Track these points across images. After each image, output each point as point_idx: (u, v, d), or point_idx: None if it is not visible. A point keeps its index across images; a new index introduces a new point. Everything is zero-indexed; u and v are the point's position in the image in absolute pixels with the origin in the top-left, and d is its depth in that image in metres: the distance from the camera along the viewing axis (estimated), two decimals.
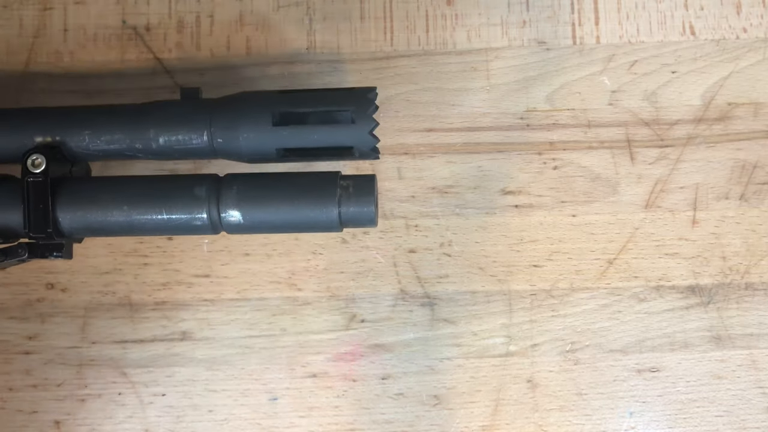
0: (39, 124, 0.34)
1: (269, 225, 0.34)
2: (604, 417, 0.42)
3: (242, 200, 0.33)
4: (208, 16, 0.43)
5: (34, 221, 0.33)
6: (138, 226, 0.34)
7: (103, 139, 0.34)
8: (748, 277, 0.43)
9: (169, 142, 0.34)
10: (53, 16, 0.42)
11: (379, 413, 0.42)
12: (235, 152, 0.34)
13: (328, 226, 0.33)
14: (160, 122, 0.34)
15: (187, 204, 0.33)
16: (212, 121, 0.33)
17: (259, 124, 0.33)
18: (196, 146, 0.34)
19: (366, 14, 0.43)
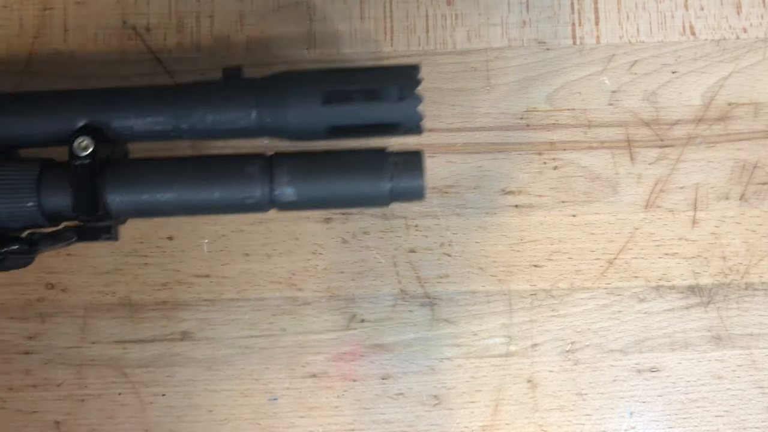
0: (83, 106, 0.33)
1: (321, 201, 0.34)
2: (604, 417, 0.42)
3: (295, 178, 0.33)
4: (208, 16, 0.43)
5: (84, 205, 0.32)
6: (189, 206, 0.33)
7: (149, 120, 0.33)
8: (748, 277, 0.43)
9: (217, 122, 0.33)
10: (53, 17, 0.42)
11: (379, 413, 0.42)
12: (283, 131, 0.33)
13: (379, 200, 0.34)
14: (208, 102, 0.33)
15: (240, 182, 0.33)
16: (260, 100, 0.33)
17: (309, 103, 0.33)
18: (244, 125, 0.33)
19: (366, 14, 0.43)
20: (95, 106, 0.33)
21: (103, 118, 0.33)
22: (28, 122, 0.33)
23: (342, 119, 0.33)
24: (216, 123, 0.33)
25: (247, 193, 0.33)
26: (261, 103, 0.33)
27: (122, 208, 0.33)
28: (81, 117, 0.33)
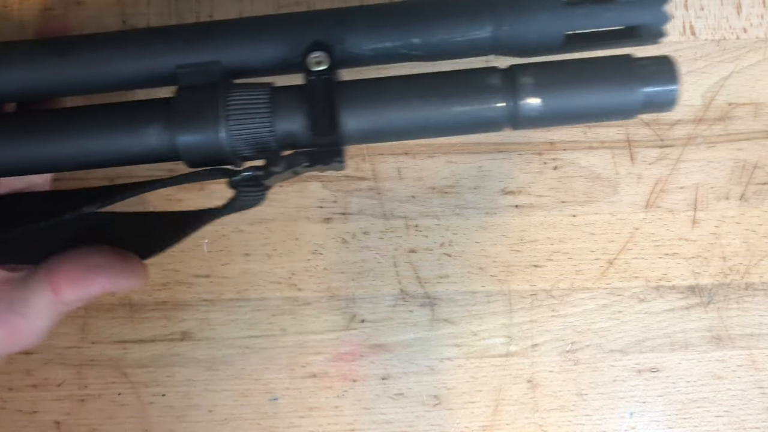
0: (311, 25, 0.32)
1: (570, 113, 0.31)
2: (604, 417, 0.42)
3: (542, 87, 0.30)
4: (208, 16, 0.43)
5: (321, 123, 0.30)
6: (428, 124, 0.31)
7: (381, 36, 0.31)
8: (748, 278, 0.43)
9: (451, 34, 0.31)
10: (53, 17, 0.42)
11: (380, 413, 0.42)
12: (521, 40, 0.31)
13: (629, 110, 0.31)
14: (441, 12, 0.31)
15: (482, 95, 0.31)
16: (497, 8, 0.31)
17: (550, 6, 0.31)
18: (478, 37, 0.31)
19: None
20: (325, 23, 0.31)
21: (334, 36, 0.31)
22: (254, 45, 0.31)
23: (583, 23, 0.31)
24: (450, 36, 0.31)
25: (489, 105, 0.30)
26: (499, 9, 0.31)
27: (359, 127, 0.31)
28: (310, 35, 0.31)
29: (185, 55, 0.31)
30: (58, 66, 0.31)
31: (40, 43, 0.32)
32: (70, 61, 0.31)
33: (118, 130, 0.30)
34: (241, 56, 0.32)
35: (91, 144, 0.30)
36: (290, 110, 0.30)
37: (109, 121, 0.31)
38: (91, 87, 0.32)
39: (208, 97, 0.30)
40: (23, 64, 0.31)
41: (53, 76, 0.31)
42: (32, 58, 0.31)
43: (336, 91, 0.30)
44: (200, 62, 0.31)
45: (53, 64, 0.31)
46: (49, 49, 0.31)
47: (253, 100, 0.30)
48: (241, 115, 0.30)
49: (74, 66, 0.31)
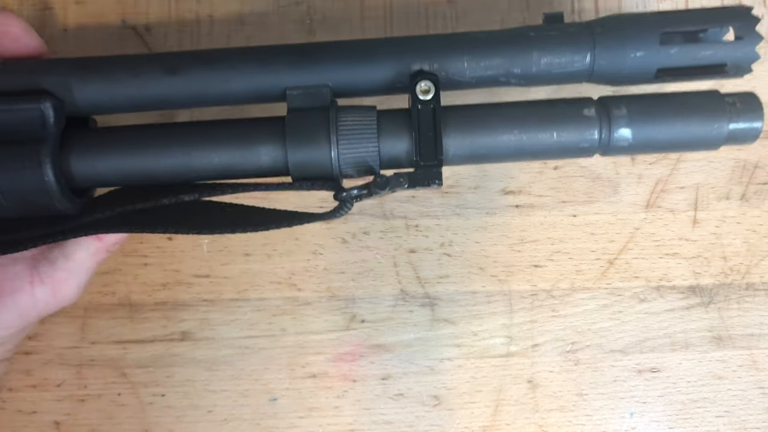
0: (418, 51, 0.33)
1: (657, 144, 0.33)
2: (604, 417, 0.42)
3: (633, 120, 0.32)
4: (208, 16, 0.42)
5: (424, 149, 0.32)
6: (524, 151, 0.33)
7: (483, 65, 0.33)
8: (748, 278, 0.43)
9: (550, 66, 0.33)
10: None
11: (379, 414, 0.42)
12: (616, 73, 0.33)
13: (712, 144, 0.33)
14: (544, 44, 0.33)
15: (578, 125, 0.33)
16: (597, 42, 0.32)
17: (647, 44, 0.32)
18: (576, 69, 0.33)
19: (366, 14, 0.43)
20: (431, 51, 0.33)
21: (439, 62, 0.33)
22: (363, 70, 0.33)
23: (677, 60, 0.32)
24: (549, 66, 0.33)
25: (584, 135, 0.32)
26: (598, 44, 0.32)
27: (458, 153, 0.33)
28: (417, 62, 0.33)
29: (295, 77, 0.33)
30: (169, 83, 0.33)
31: (148, 58, 0.33)
32: (180, 79, 0.33)
33: (234, 146, 0.32)
34: (349, 80, 0.33)
35: (208, 158, 0.32)
36: (395, 134, 0.33)
37: (227, 138, 0.33)
38: (199, 103, 0.34)
39: (321, 119, 0.32)
40: (132, 80, 0.33)
41: (163, 91, 0.33)
42: (142, 73, 0.33)
43: (440, 121, 0.32)
44: (310, 85, 0.33)
45: (164, 81, 0.33)
46: (158, 65, 0.33)
47: (362, 124, 0.32)
48: (351, 137, 0.32)
49: (184, 84, 0.33)
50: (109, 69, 0.33)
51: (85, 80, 0.33)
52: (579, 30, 0.33)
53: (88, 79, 0.33)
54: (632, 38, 0.32)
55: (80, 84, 0.33)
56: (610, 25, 0.33)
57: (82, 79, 0.33)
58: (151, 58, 0.34)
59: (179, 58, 0.33)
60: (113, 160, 0.33)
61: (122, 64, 0.33)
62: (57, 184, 0.31)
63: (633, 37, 0.32)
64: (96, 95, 0.33)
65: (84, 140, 0.33)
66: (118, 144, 0.33)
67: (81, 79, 0.33)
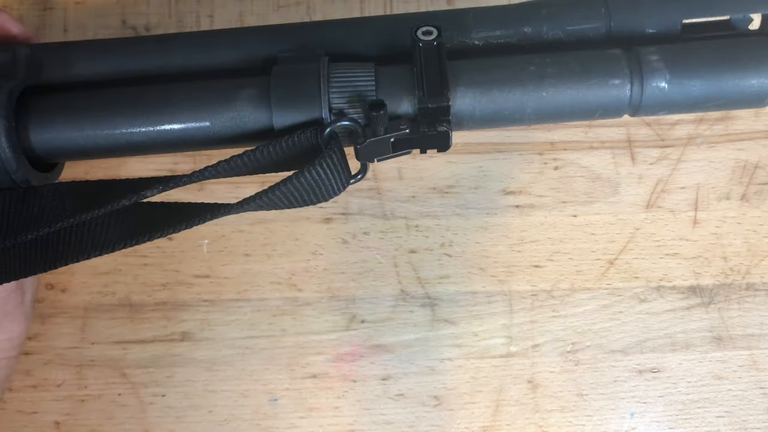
0: (420, 19, 0.31)
1: (697, 99, 0.29)
2: (605, 418, 0.42)
3: (669, 64, 0.28)
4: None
5: (430, 85, 0.27)
6: (547, 107, 0.29)
7: (490, 25, 0.30)
8: (749, 278, 0.43)
9: (562, 25, 0.30)
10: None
11: (380, 414, 0.42)
12: (637, 30, 0.29)
13: (759, 99, 0.29)
14: (556, 6, 0.30)
15: (607, 74, 0.28)
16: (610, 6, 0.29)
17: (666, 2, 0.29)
18: (590, 28, 0.29)
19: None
20: (431, 18, 0.30)
21: (438, 23, 0.29)
22: (359, 37, 0.31)
23: (698, 12, 0.29)
24: (561, 27, 0.29)
25: (615, 81, 0.28)
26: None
27: (470, 108, 0.29)
28: (417, 23, 0.29)
29: (288, 42, 0.30)
30: (158, 51, 0.31)
31: (139, 39, 0.33)
32: (169, 48, 0.31)
33: (209, 103, 0.29)
34: (344, 45, 0.31)
35: (178, 120, 0.29)
36: (397, 89, 0.29)
37: (201, 95, 0.30)
38: (190, 72, 0.31)
39: (310, 70, 0.28)
40: (123, 52, 0.31)
41: (152, 61, 0.31)
42: (132, 47, 0.31)
43: (446, 59, 0.28)
44: (303, 47, 0.30)
45: (153, 51, 0.31)
46: (149, 40, 0.32)
47: (358, 76, 0.28)
48: (344, 88, 0.28)
49: (174, 52, 0.31)
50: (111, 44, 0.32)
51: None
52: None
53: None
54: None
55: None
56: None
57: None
58: (149, 37, 0.33)
59: (174, 36, 0.32)
60: (76, 125, 0.30)
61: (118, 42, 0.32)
62: (12, 151, 0.29)
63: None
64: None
65: (43, 103, 0.30)
66: (82, 108, 0.30)
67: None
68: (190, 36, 0.33)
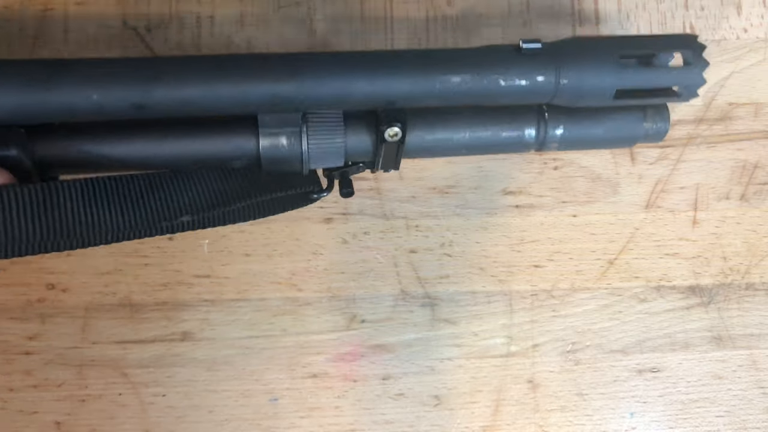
0: (390, 92, 0.35)
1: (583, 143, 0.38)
2: (605, 417, 0.42)
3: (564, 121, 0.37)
4: (209, 17, 0.43)
5: (386, 163, 0.36)
6: (472, 145, 0.37)
7: (451, 88, 0.34)
8: (748, 278, 0.43)
9: (512, 84, 0.34)
10: (53, 17, 0.42)
11: (380, 414, 0.42)
12: (576, 93, 0.34)
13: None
14: (506, 64, 0.34)
15: (519, 126, 0.36)
16: (560, 62, 0.34)
17: (606, 66, 0.34)
18: (540, 90, 0.34)
19: (366, 14, 0.43)
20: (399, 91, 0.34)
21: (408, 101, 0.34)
22: (343, 87, 0.34)
23: (632, 82, 0.34)
24: (511, 84, 0.34)
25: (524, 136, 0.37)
26: (561, 65, 0.34)
27: (416, 149, 0.37)
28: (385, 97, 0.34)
29: (271, 107, 0.33)
30: (151, 87, 0.32)
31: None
32: (160, 85, 0.32)
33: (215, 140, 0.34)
34: (330, 94, 0.34)
35: (194, 148, 0.34)
36: (359, 135, 0.35)
37: (209, 131, 0.34)
38: (179, 114, 0.33)
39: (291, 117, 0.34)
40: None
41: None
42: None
43: (403, 148, 0.36)
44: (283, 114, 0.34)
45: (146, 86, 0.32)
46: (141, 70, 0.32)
47: (331, 119, 0.34)
48: (322, 130, 0.34)
49: (164, 92, 0.32)
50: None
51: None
52: (544, 55, 0.34)
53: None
54: (592, 59, 0.34)
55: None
56: (572, 48, 0.35)
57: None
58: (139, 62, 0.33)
59: (162, 62, 0.33)
60: (79, 144, 0.33)
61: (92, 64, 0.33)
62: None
63: (593, 59, 0.34)
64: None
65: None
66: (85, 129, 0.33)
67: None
68: (177, 71, 0.33)
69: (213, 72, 0.32)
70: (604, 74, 0.34)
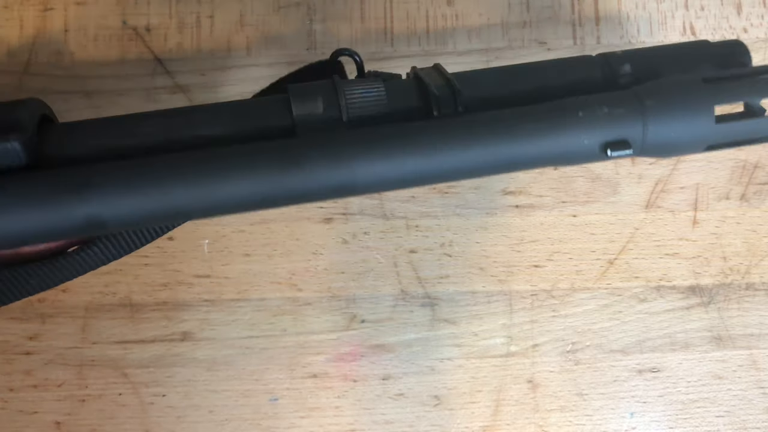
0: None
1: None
2: (604, 417, 0.42)
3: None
4: (209, 17, 0.43)
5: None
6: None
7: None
8: (748, 278, 0.43)
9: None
10: (54, 17, 0.42)
11: (380, 414, 0.42)
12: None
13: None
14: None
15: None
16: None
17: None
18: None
19: (366, 14, 0.43)
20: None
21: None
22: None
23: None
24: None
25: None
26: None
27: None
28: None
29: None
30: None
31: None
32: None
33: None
34: None
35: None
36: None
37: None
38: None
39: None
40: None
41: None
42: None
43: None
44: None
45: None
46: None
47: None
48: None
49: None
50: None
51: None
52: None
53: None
54: (686, 115, 0.30)
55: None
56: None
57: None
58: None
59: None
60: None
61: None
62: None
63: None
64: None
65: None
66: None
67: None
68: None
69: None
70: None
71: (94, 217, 0.28)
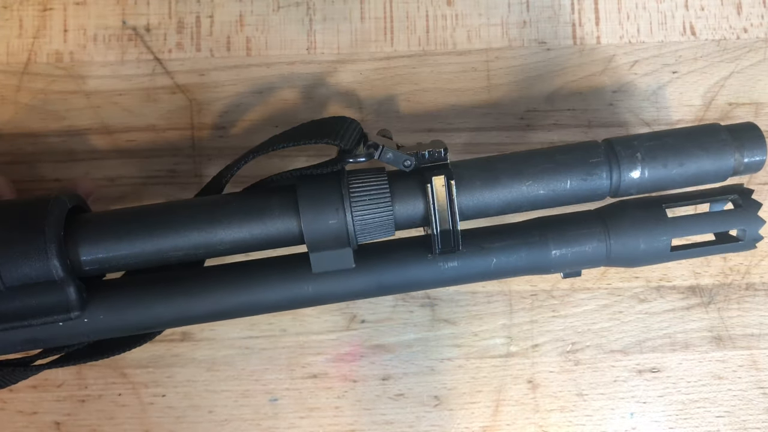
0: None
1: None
2: (604, 417, 0.42)
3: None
4: (208, 17, 0.43)
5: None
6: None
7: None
8: (748, 278, 0.43)
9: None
10: (53, 17, 0.42)
11: (380, 414, 0.42)
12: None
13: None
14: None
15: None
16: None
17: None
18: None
19: (366, 15, 0.43)
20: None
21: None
22: None
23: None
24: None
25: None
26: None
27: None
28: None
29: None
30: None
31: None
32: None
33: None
34: None
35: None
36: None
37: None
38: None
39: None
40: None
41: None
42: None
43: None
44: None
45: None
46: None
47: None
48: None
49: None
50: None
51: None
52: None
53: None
54: (641, 224, 0.34)
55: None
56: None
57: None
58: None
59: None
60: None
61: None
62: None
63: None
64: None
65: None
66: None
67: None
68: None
69: None
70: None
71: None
